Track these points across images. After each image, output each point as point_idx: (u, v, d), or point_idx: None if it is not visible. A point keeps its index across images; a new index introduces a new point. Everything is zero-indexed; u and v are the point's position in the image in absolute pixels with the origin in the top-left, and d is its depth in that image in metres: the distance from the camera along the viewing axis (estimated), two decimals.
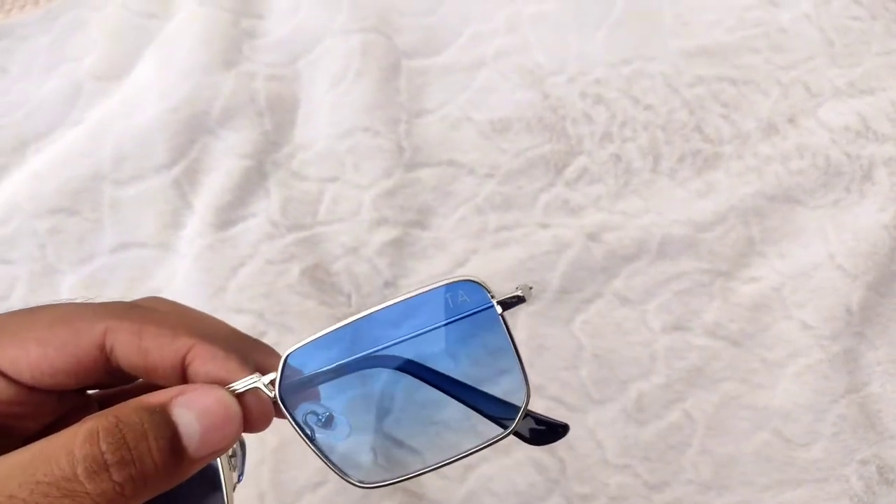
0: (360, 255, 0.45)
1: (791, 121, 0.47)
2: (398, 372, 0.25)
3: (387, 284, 0.44)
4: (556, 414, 0.41)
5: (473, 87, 0.49)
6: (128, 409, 0.20)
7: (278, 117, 0.48)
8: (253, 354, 0.25)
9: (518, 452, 0.41)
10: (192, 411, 0.21)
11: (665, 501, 0.40)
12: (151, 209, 0.46)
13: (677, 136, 0.47)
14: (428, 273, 0.44)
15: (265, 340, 0.27)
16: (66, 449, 0.19)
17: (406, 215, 0.46)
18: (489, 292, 0.24)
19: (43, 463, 0.19)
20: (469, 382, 0.25)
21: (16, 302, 0.45)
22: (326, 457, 0.24)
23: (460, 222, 0.46)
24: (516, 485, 0.40)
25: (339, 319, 0.43)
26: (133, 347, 0.23)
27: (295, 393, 0.24)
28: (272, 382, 0.23)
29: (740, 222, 0.45)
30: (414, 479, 0.40)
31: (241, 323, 0.43)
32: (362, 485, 0.24)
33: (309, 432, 0.24)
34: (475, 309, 0.24)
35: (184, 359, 0.23)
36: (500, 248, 0.45)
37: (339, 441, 0.25)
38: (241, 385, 0.23)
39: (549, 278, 0.44)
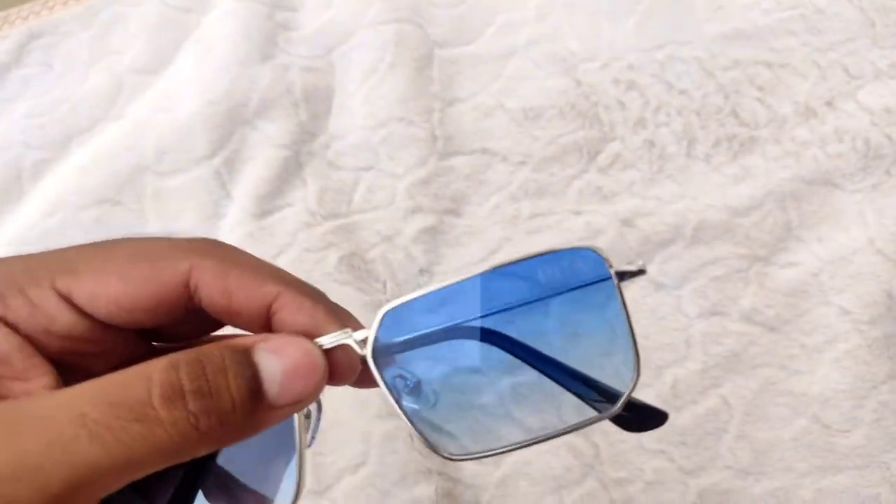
0: (395, 243, 0.45)
1: (829, 104, 0.47)
2: (492, 346, 0.24)
3: (422, 272, 0.45)
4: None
5: (505, 76, 0.49)
6: (210, 347, 0.20)
7: (314, 108, 0.49)
8: (337, 310, 0.23)
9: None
10: (275, 356, 0.20)
11: (702, 487, 0.40)
12: (193, 199, 0.47)
13: (712, 120, 0.47)
14: (462, 260, 0.45)
15: None
16: (145, 375, 0.19)
17: (440, 203, 0.46)
18: (608, 263, 0.23)
19: (118, 387, 0.18)
20: (570, 360, 0.24)
21: None
22: (413, 423, 0.23)
23: (494, 210, 0.46)
24: (552, 469, 0.40)
25: (376, 306, 0.43)
26: (218, 289, 0.22)
27: (384, 355, 0.23)
28: (363, 341, 0.22)
29: (777, 207, 0.44)
30: (452, 464, 0.41)
31: None
32: (451, 456, 0.23)
33: (397, 396, 0.23)
34: (589, 280, 0.23)
35: (269, 306, 0.22)
36: (533, 235, 0.45)
37: (424, 409, 0.24)
38: (330, 340, 0.22)
39: None
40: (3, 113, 0.52)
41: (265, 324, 0.22)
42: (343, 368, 0.22)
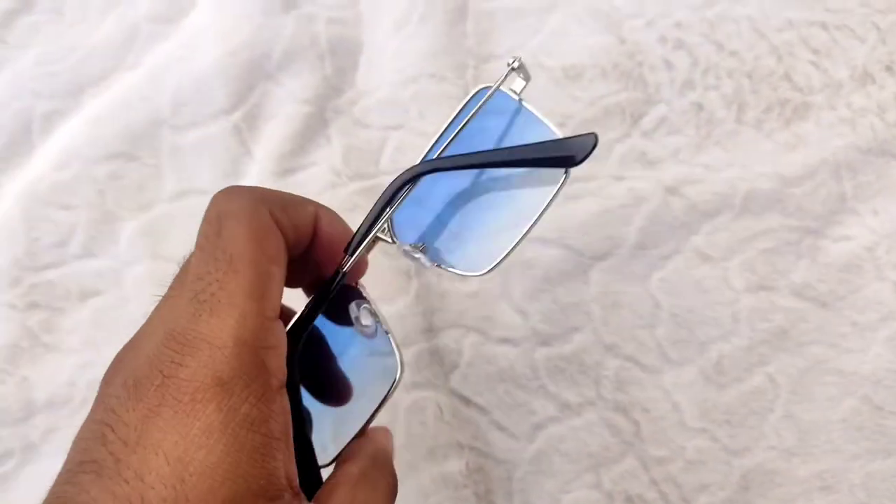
0: None
1: (888, 69, 0.44)
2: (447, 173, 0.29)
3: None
4: (631, 374, 0.40)
5: (545, 31, 0.46)
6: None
7: (340, 62, 0.46)
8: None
9: (590, 413, 0.39)
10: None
11: (746, 467, 0.38)
12: (211, 156, 0.45)
13: (764, 84, 0.44)
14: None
15: None
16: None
17: None
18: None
19: None
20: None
21: (74, 249, 0.44)
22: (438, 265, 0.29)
23: None
24: (588, 445, 0.39)
25: (402, 270, 0.41)
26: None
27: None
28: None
29: (831, 177, 0.42)
30: (482, 439, 0.39)
31: None
32: (472, 273, 0.28)
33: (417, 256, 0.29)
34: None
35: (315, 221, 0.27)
36: (573, 201, 0.42)
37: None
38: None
39: (625, 233, 0.41)
40: (12, 60, 0.49)
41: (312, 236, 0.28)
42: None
